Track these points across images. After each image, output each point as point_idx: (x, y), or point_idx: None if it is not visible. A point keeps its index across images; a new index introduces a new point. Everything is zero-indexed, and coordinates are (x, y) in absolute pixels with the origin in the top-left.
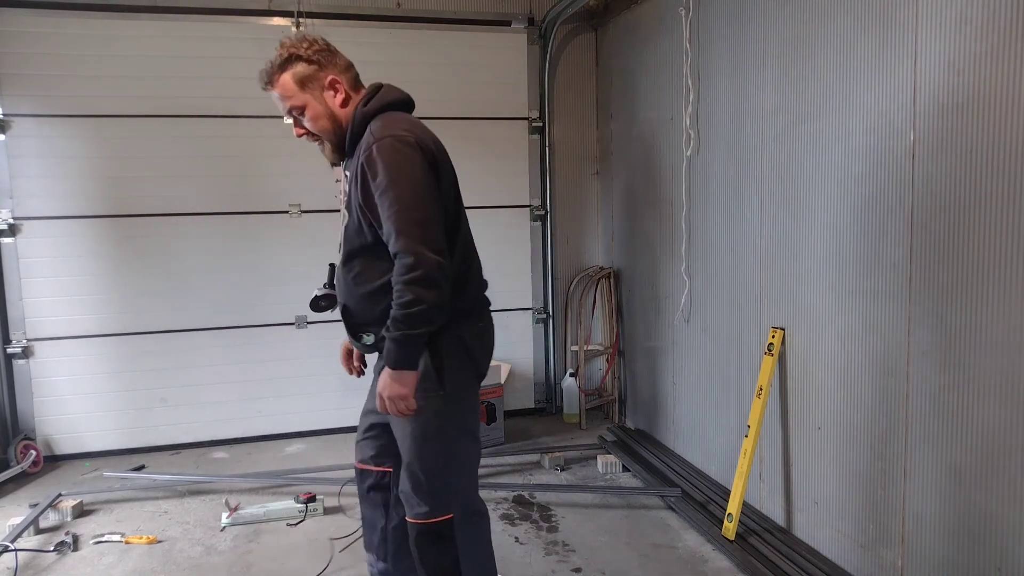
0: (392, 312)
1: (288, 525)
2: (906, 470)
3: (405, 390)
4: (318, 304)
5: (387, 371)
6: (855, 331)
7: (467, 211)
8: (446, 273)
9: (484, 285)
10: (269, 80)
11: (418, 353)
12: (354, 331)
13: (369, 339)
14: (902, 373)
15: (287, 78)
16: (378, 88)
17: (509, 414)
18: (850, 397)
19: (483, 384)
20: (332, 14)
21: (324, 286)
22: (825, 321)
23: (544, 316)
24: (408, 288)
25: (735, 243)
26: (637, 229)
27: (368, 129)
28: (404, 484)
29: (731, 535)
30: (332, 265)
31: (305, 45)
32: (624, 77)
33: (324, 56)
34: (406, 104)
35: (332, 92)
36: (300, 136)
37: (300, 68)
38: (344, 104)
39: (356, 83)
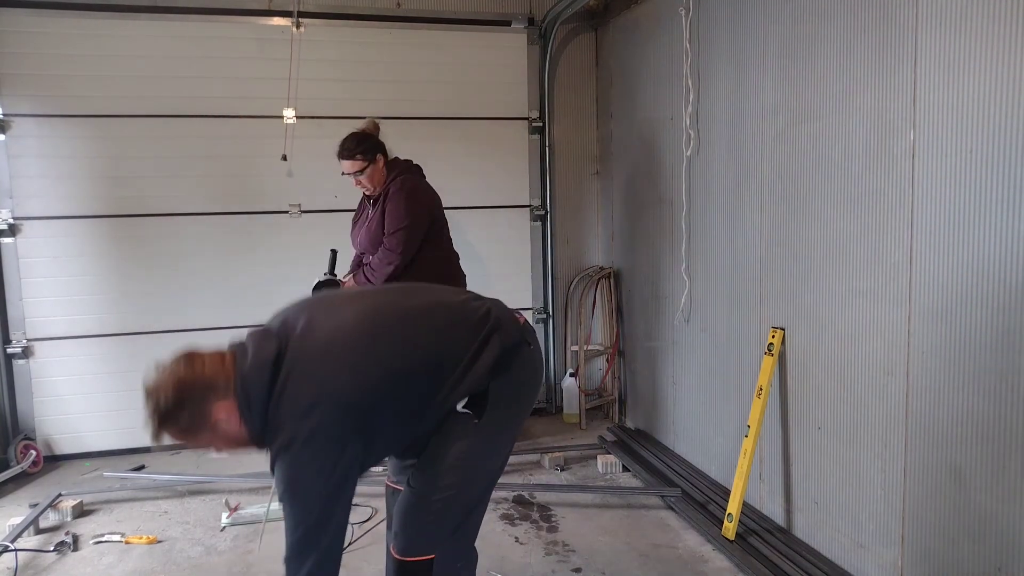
0: None
1: None
2: (906, 470)
3: None
4: (320, 289)
5: None
6: (855, 331)
7: (467, 211)
8: None
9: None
10: None
11: None
12: None
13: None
14: (902, 373)
15: None
16: None
17: None
18: (850, 397)
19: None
20: (332, 14)
21: (325, 273)
22: (825, 321)
23: (544, 316)
24: None
25: (735, 243)
26: (637, 229)
27: None
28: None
29: (731, 535)
30: (333, 251)
31: None
32: (624, 77)
33: None
34: None
35: None
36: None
37: None
38: None
39: None
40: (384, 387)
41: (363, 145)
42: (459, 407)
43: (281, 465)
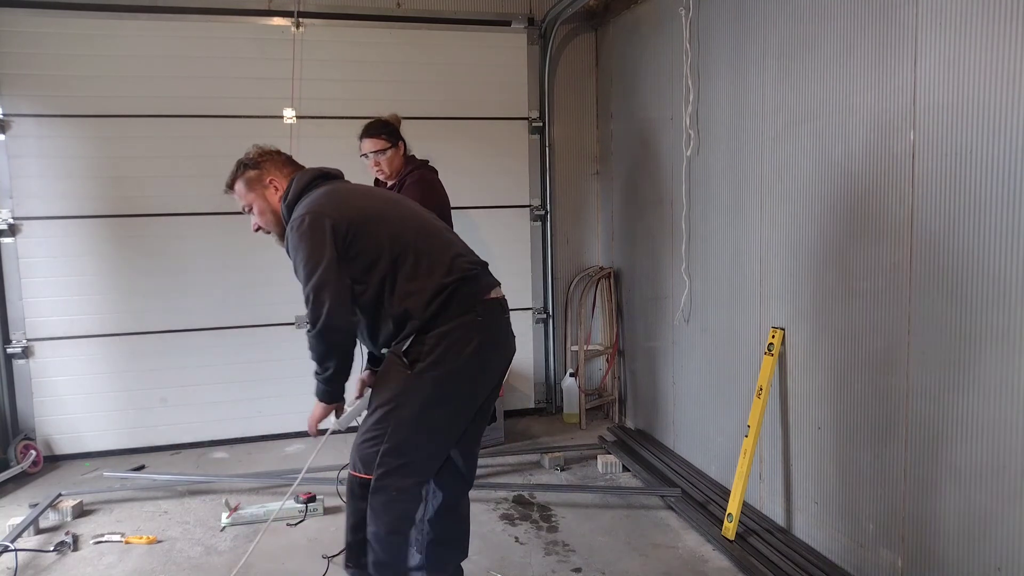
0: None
1: (288, 525)
2: (906, 470)
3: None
4: None
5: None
6: (855, 331)
7: (467, 211)
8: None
9: (448, 291)
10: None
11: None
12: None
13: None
14: (902, 373)
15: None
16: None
17: (509, 414)
18: (850, 397)
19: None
20: (332, 14)
21: None
22: (825, 321)
23: (544, 316)
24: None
25: (735, 243)
26: (637, 229)
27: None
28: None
29: (731, 535)
30: None
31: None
32: (624, 77)
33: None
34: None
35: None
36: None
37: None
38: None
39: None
40: (367, 229)
41: (388, 128)
42: (404, 347)
43: (290, 238)
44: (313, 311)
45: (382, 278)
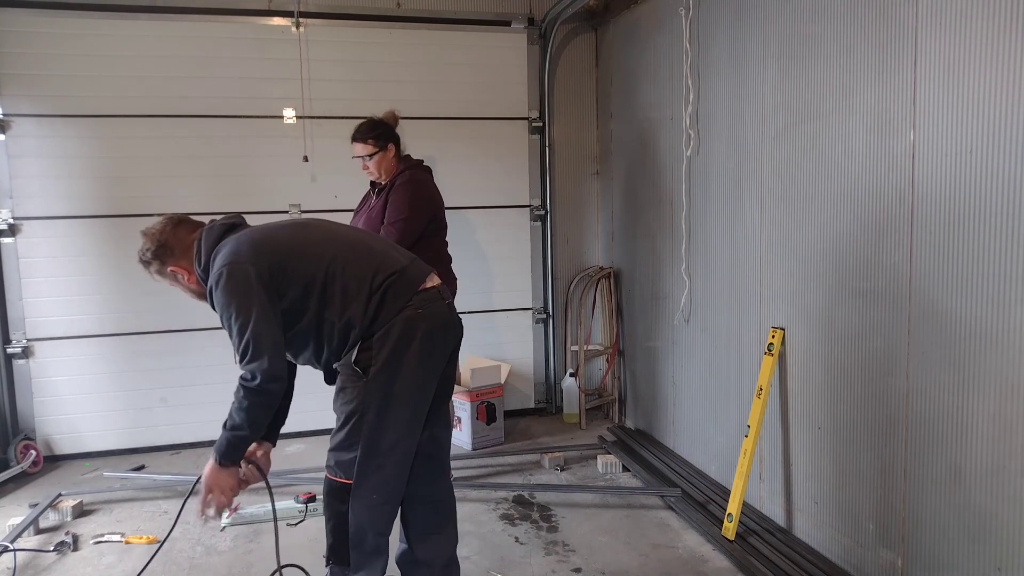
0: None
1: (288, 525)
2: (906, 470)
3: None
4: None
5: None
6: (855, 331)
7: (467, 211)
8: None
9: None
10: None
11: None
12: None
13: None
14: (902, 373)
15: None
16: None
17: (509, 414)
18: (850, 397)
19: (482, 384)
20: (332, 14)
21: None
22: (825, 321)
23: (544, 316)
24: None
25: (735, 243)
26: (637, 229)
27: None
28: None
29: (731, 535)
30: None
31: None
32: (624, 77)
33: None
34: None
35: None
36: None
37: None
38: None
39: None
40: (292, 257)
41: (377, 131)
42: (353, 358)
43: (216, 296)
44: (250, 365)
45: (320, 297)
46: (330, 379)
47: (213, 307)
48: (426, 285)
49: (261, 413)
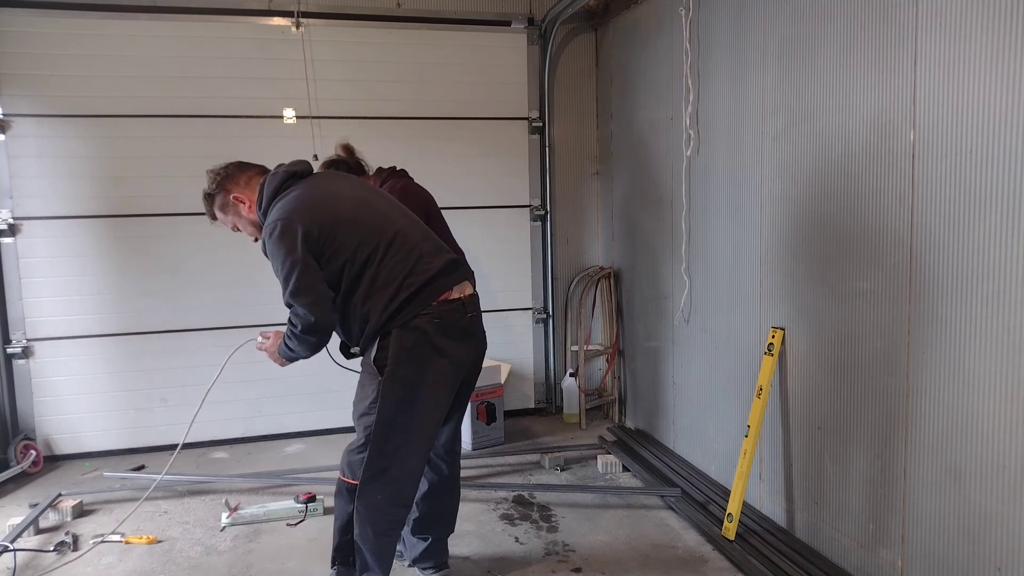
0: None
1: (288, 525)
2: (906, 470)
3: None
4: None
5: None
6: (855, 331)
7: (467, 211)
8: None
9: (404, 295)
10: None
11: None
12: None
13: (355, 350)
14: (902, 373)
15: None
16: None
17: (509, 414)
18: (850, 397)
19: (482, 384)
20: (332, 14)
21: None
22: (825, 321)
23: (544, 316)
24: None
25: (735, 243)
26: (637, 229)
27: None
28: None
29: (731, 535)
30: None
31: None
32: (624, 77)
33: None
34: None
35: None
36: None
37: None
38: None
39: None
40: (342, 226)
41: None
42: (372, 355)
43: (268, 245)
44: (294, 315)
45: (351, 281)
46: (345, 352)
47: (265, 254)
48: (451, 295)
49: (304, 351)
